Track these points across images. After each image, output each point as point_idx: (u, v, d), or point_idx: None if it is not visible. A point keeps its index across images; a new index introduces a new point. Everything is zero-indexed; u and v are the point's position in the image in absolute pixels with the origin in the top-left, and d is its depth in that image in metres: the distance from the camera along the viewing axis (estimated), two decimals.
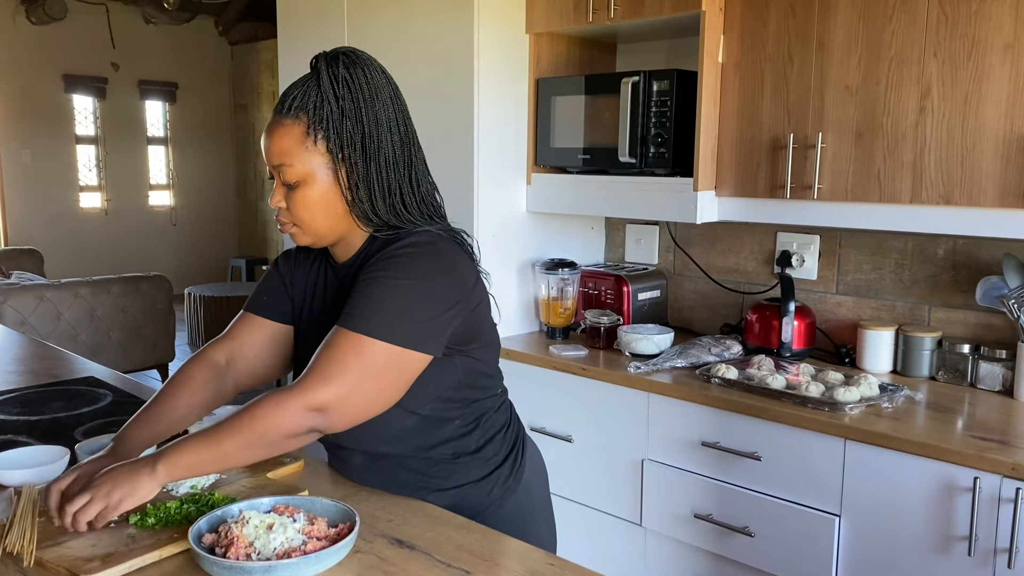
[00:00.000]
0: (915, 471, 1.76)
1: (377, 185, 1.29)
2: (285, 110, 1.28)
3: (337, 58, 1.28)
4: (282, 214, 1.32)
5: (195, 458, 1.17)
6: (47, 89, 7.92)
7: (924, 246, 2.30)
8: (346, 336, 1.20)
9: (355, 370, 1.19)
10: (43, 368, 2.21)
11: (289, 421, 1.17)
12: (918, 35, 1.95)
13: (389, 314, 1.21)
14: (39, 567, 1.10)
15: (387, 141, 1.29)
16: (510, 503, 1.40)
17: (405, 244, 1.28)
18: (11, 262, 6.36)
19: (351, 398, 1.20)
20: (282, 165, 1.27)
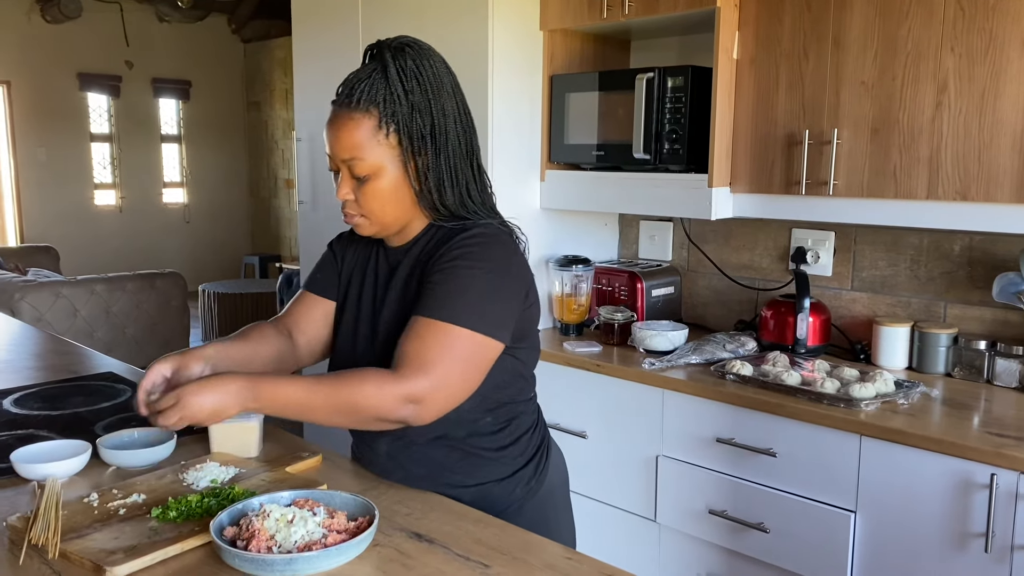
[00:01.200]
0: (931, 468, 1.76)
1: (446, 176, 1.31)
2: (354, 103, 1.27)
3: (403, 49, 1.29)
4: (349, 206, 1.33)
5: (287, 398, 1.20)
6: (62, 87, 7.97)
7: (940, 242, 2.29)
8: (434, 326, 1.24)
9: (446, 360, 1.23)
10: (62, 363, 2.23)
11: (386, 406, 1.21)
12: (935, 30, 1.94)
13: (471, 302, 1.25)
14: (63, 559, 1.12)
15: (453, 132, 1.31)
16: (531, 505, 1.41)
17: (474, 235, 1.30)
18: (27, 259, 6.41)
19: (442, 389, 1.23)
20: (353, 159, 1.28)
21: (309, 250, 3.39)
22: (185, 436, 1.60)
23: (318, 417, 1.23)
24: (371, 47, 1.32)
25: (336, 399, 1.21)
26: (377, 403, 1.21)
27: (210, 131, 9.11)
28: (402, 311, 1.34)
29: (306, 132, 3.31)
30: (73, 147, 8.13)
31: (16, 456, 1.40)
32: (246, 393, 1.20)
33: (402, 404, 1.22)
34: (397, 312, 1.35)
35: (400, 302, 1.35)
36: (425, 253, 1.35)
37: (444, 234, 1.34)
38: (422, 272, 1.33)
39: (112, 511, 1.24)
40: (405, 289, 1.36)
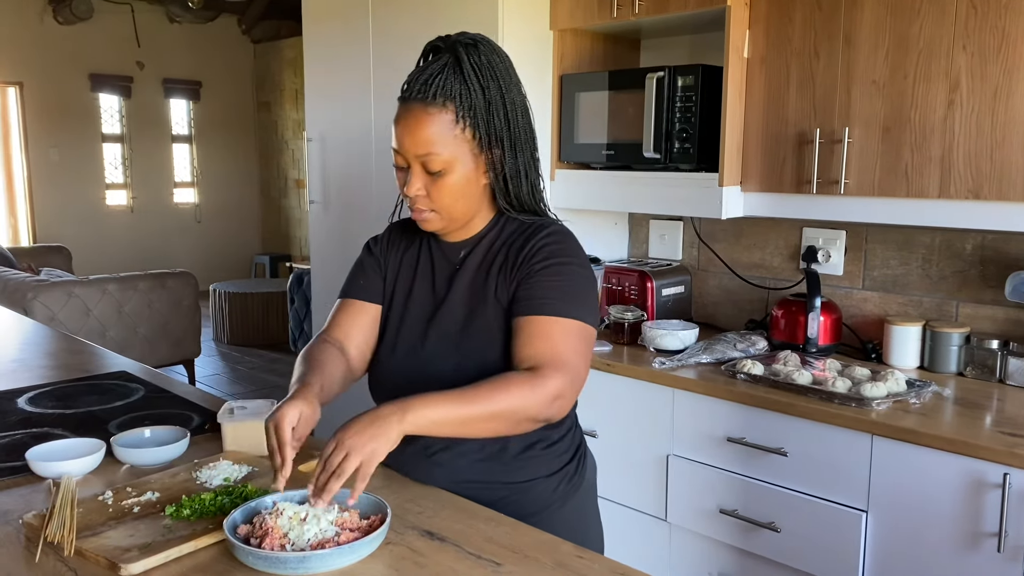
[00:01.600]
0: (943, 467, 1.76)
1: (521, 169, 1.33)
2: (430, 98, 1.27)
3: (476, 45, 1.30)
4: (420, 201, 1.32)
5: (442, 415, 1.18)
6: (74, 88, 8.01)
7: (952, 241, 2.28)
8: (558, 323, 1.27)
9: (575, 355, 1.27)
10: (75, 362, 2.25)
11: (537, 407, 1.23)
12: (947, 28, 1.94)
13: (580, 297, 1.30)
14: (79, 556, 1.13)
15: (523, 125, 1.33)
16: (572, 502, 1.41)
17: (553, 231, 1.34)
18: (40, 259, 6.45)
19: (576, 383, 1.28)
20: (429, 154, 1.28)
21: (320, 250, 3.40)
22: (198, 435, 1.61)
23: (476, 427, 1.22)
24: (436, 44, 1.32)
25: (492, 406, 1.20)
26: (531, 404, 1.22)
27: (220, 131, 9.15)
28: (474, 303, 1.35)
29: (317, 132, 3.32)
30: (85, 147, 8.18)
31: (31, 454, 1.41)
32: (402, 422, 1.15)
33: (551, 403, 1.24)
34: (466, 305, 1.35)
35: (470, 295, 1.36)
36: (500, 245, 1.36)
37: (518, 227, 1.37)
38: (501, 268, 1.34)
39: (126, 509, 1.25)
40: (476, 282, 1.36)
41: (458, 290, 1.37)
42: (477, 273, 1.37)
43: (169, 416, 1.74)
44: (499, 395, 1.20)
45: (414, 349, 1.38)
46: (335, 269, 3.32)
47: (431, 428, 1.18)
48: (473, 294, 1.36)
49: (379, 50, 2.97)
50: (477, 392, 1.21)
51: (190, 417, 1.73)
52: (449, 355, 1.34)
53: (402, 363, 1.39)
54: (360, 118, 3.08)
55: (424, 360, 1.36)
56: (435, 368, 1.35)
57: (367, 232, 3.11)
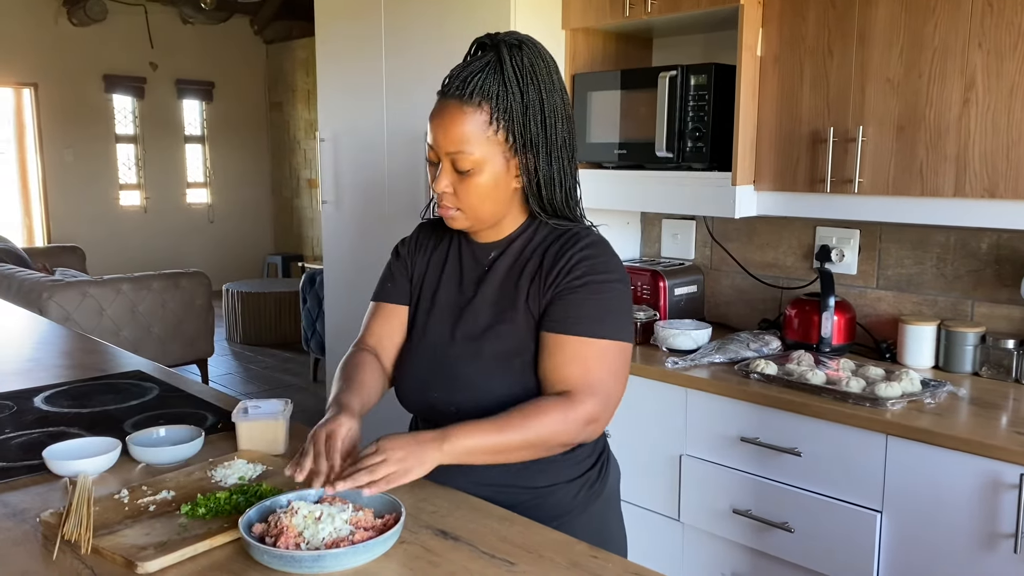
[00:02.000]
0: (959, 467, 1.75)
1: (556, 175, 1.31)
2: (466, 96, 1.26)
3: (520, 46, 1.28)
4: (447, 199, 1.32)
5: (478, 443, 1.21)
6: (88, 89, 8.06)
7: (967, 240, 2.27)
8: (591, 345, 1.27)
9: (610, 376, 1.28)
10: (90, 362, 2.26)
11: (571, 433, 1.26)
12: (962, 26, 1.92)
13: (615, 316, 1.29)
14: (96, 554, 1.13)
15: (561, 131, 1.31)
16: (592, 509, 1.40)
17: (591, 243, 1.32)
18: (55, 259, 6.50)
19: (610, 405, 1.29)
20: (460, 152, 1.27)
21: (333, 250, 3.41)
22: (212, 434, 1.61)
23: (511, 455, 1.26)
24: (483, 40, 1.31)
25: (526, 436, 1.23)
26: (564, 431, 1.25)
27: (233, 131, 9.18)
28: (501, 306, 1.34)
29: (329, 132, 3.33)
30: (99, 148, 8.23)
31: (48, 453, 1.43)
32: (441, 449, 1.19)
33: (583, 428, 1.26)
34: (494, 306, 1.35)
35: (498, 296, 1.35)
36: (532, 250, 1.35)
37: (551, 232, 1.35)
38: (535, 274, 1.33)
39: (142, 507, 1.26)
40: (505, 285, 1.36)
41: (486, 292, 1.36)
42: (507, 277, 1.36)
43: (183, 415, 1.75)
44: (533, 423, 1.23)
45: (439, 349, 1.38)
46: (348, 269, 3.33)
47: (467, 457, 1.22)
48: (501, 297, 1.35)
49: (391, 50, 2.98)
50: (511, 420, 1.23)
51: (204, 416, 1.74)
52: (473, 357, 1.34)
53: (426, 363, 1.39)
54: (372, 118, 3.09)
55: (448, 361, 1.36)
56: (458, 370, 1.35)
57: (379, 232, 3.14)
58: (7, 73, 7.59)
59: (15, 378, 2.08)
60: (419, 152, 2.91)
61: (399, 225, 3.02)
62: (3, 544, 1.19)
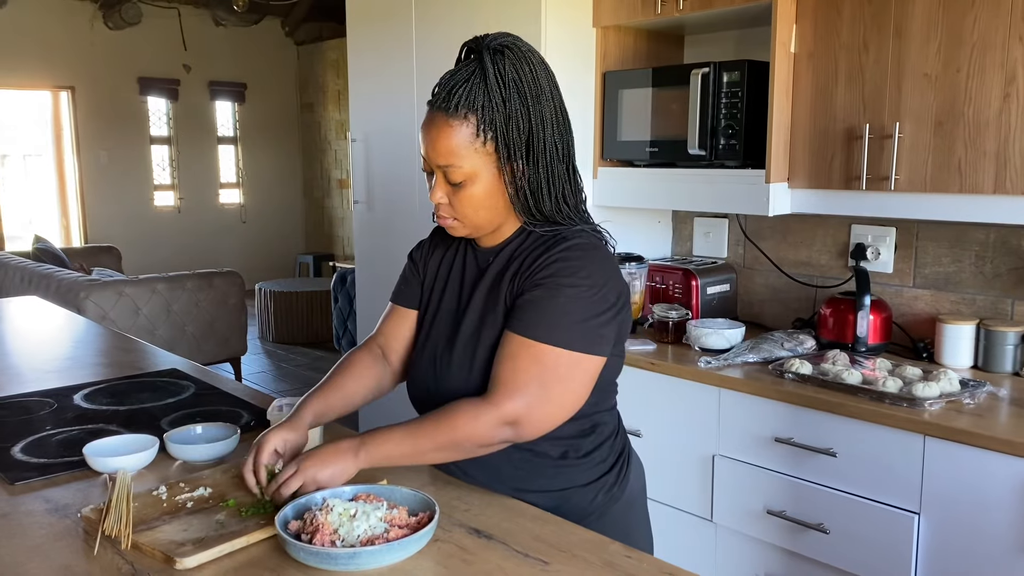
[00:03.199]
0: (999, 469, 1.71)
1: (544, 183, 1.29)
2: (452, 109, 1.25)
3: (503, 52, 1.26)
4: (443, 209, 1.32)
5: (394, 450, 1.26)
6: (123, 92, 8.18)
7: (1007, 237, 2.23)
8: (528, 346, 1.24)
9: (541, 380, 1.23)
10: (127, 360, 2.30)
11: (484, 433, 1.24)
12: (1003, 19, 1.89)
13: (565, 320, 1.24)
14: (135, 550, 1.15)
15: (551, 138, 1.29)
16: (612, 513, 1.38)
17: (571, 247, 1.28)
18: (91, 259, 6.60)
19: (538, 408, 1.24)
20: (449, 166, 1.27)
21: (364, 249, 3.43)
22: (247, 432, 1.63)
23: (428, 459, 1.28)
24: (469, 45, 1.30)
25: (437, 440, 1.25)
26: (476, 432, 1.24)
27: (265, 132, 9.27)
28: (487, 310, 1.34)
29: (360, 132, 3.35)
30: (134, 150, 8.35)
31: (88, 450, 1.45)
32: (356, 458, 1.24)
33: (499, 428, 1.24)
34: (481, 311, 1.34)
35: (485, 301, 1.35)
36: (518, 254, 1.34)
37: (537, 240, 1.33)
38: (514, 275, 1.32)
39: (180, 504, 1.27)
40: (492, 289, 1.35)
41: (477, 297, 1.36)
42: (494, 281, 1.35)
43: (219, 413, 1.77)
44: (444, 427, 1.25)
45: (440, 355, 1.38)
46: (379, 268, 3.34)
47: (386, 461, 1.26)
48: (489, 301, 1.34)
49: (422, 50, 2.99)
50: (424, 425, 1.26)
51: (239, 414, 1.76)
52: (467, 360, 1.33)
53: (429, 368, 1.40)
54: (403, 118, 3.10)
55: (447, 365, 1.36)
56: (455, 374, 1.34)
57: (410, 232, 3.15)
58: (45, 77, 7.73)
59: (55, 376, 2.11)
60: None
61: (429, 225, 3.02)
62: (45, 539, 1.21)
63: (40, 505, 1.32)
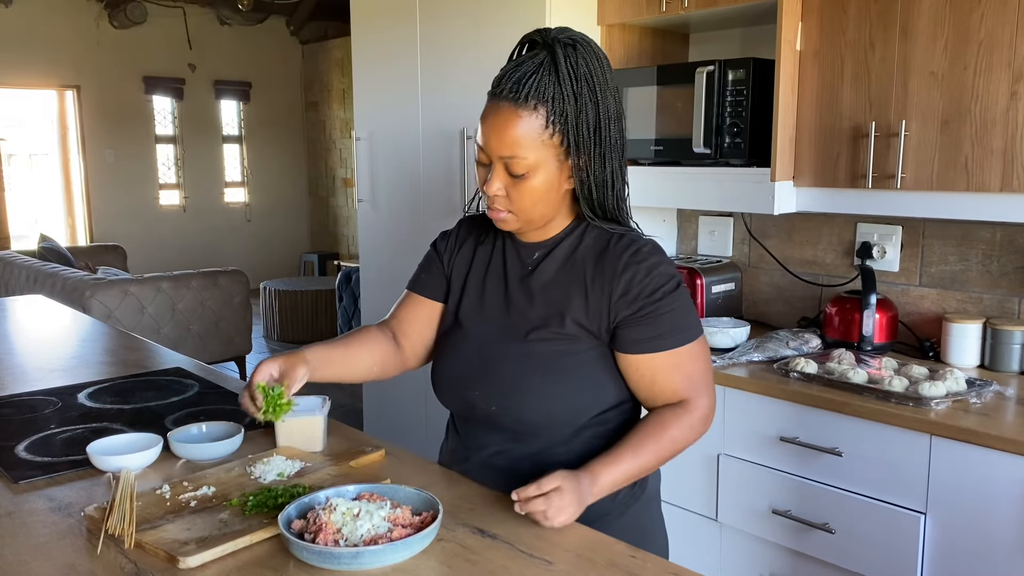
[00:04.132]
0: (1006, 469, 1.70)
1: (610, 178, 1.30)
2: (521, 99, 1.22)
3: (575, 46, 1.24)
4: (498, 201, 1.29)
5: (624, 474, 1.28)
6: (129, 91, 8.20)
7: (1014, 236, 2.22)
8: (684, 352, 1.30)
9: (704, 372, 1.33)
10: (131, 359, 2.30)
11: (696, 436, 1.33)
12: (1010, 17, 1.88)
13: (689, 315, 1.32)
14: (138, 548, 1.15)
15: (615, 134, 1.29)
16: (632, 512, 1.38)
17: (652, 251, 1.31)
18: (97, 258, 6.62)
19: (713, 391, 1.35)
20: (514, 157, 1.24)
21: (369, 248, 3.43)
22: (251, 430, 1.63)
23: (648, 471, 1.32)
24: (533, 38, 1.27)
25: (662, 453, 1.30)
26: (691, 438, 1.32)
27: (270, 131, 9.28)
28: (545, 309, 1.32)
29: (365, 131, 3.34)
30: (139, 149, 8.36)
31: (92, 448, 1.45)
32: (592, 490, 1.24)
33: (705, 426, 1.33)
34: (537, 309, 1.33)
35: (543, 299, 1.33)
36: (583, 254, 1.33)
37: (599, 237, 1.33)
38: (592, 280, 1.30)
39: (183, 503, 1.27)
40: (552, 286, 1.33)
41: (533, 294, 1.34)
42: (555, 280, 1.33)
43: (223, 412, 1.76)
44: (664, 442, 1.29)
45: (482, 347, 1.37)
46: (384, 267, 3.34)
47: (610, 489, 1.28)
48: (550, 301, 1.33)
49: (426, 48, 2.98)
50: (643, 443, 1.28)
51: (243, 413, 1.76)
52: (519, 357, 1.32)
53: (467, 360, 1.38)
54: (408, 117, 3.10)
55: (492, 360, 1.35)
56: (502, 369, 1.33)
57: (415, 230, 3.15)
58: (50, 76, 7.75)
59: (60, 374, 2.12)
60: (454, 150, 2.92)
61: (434, 223, 3.03)
62: (49, 537, 1.21)
63: (44, 504, 1.32)
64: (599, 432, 1.36)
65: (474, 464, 1.42)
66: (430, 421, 3.10)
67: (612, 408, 1.36)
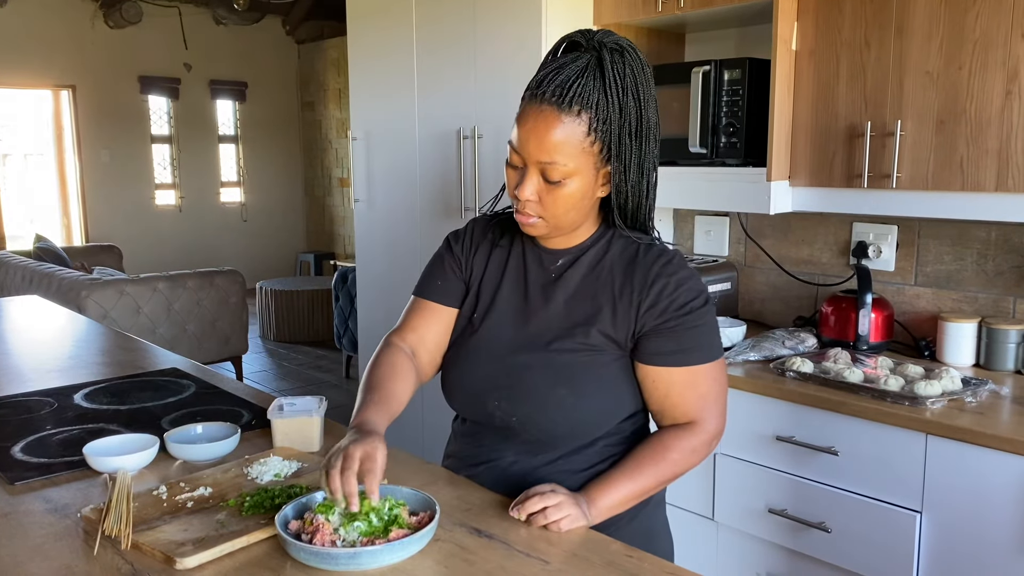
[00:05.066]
0: (1002, 468, 1.71)
1: (646, 187, 1.27)
2: (565, 103, 1.17)
3: (623, 52, 1.21)
4: (529, 206, 1.25)
5: (622, 497, 1.27)
6: (124, 91, 8.18)
7: (1009, 235, 2.22)
8: (697, 372, 1.29)
9: (720, 393, 1.32)
10: (127, 359, 2.29)
11: (700, 459, 1.31)
12: (1004, 16, 1.88)
13: (712, 336, 1.31)
14: (135, 550, 1.15)
15: (652, 143, 1.26)
16: (640, 518, 1.36)
17: (680, 264, 1.30)
18: (93, 258, 6.60)
19: (725, 416, 1.33)
20: (552, 163, 1.20)
21: (365, 248, 3.43)
22: (248, 431, 1.63)
23: (649, 493, 1.31)
24: (575, 39, 1.22)
25: (661, 475, 1.29)
26: (694, 462, 1.31)
27: (266, 131, 9.27)
28: (570, 318, 1.30)
29: (361, 131, 3.34)
30: (135, 149, 8.35)
31: (88, 449, 1.45)
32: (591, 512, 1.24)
33: (710, 448, 1.32)
34: (562, 318, 1.31)
35: (568, 308, 1.31)
36: (610, 263, 1.31)
37: (627, 246, 1.31)
38: (620, 291, 1.28)
39: (180, 504, 1.27)
40: (578, 295, 1.31)
41: (557, 301, 1.31)
42: (582, 288, 1.31)
43: (219, 412, 1.76)
44: (666, 468, 1.28)
45: (502, 356, 1.33)
46: (380, 267, 3.34)
47: (614, 510, 1.27)
48: (575, 309, 1.30)
49: (423, 48, 2.98)
50: (642, 466, 1.28)
51: (240, 413, 1.76)
52: (542, 366, 1.29)
53: (486, 368, 1.34)
54: (404, 117, 3.10)
55: (513, 368, 1.31)
56: (524, 378, 1.30)
57: (411, 230, 3.15)
58: (45, 76, 7.73)
59: (56, 375, 2.11)
60: (450, 150, 2.92)
61: (431, 223, 3.03)
62: (45, 539, 1.21)
63: (40, 505, 1.32)
64: (612, 442, 1.34)
65: (484, 471, 1.39)
66: (426, 421, 3.10)
67: (629, 418, 1.35)
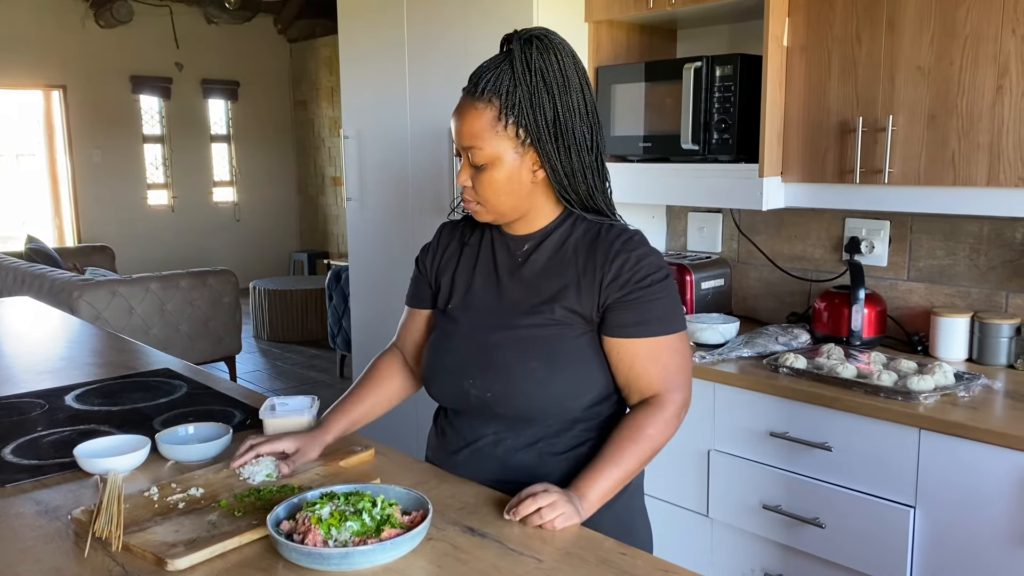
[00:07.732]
0: (994, 462, 1.71)
1: (579, 170, 1.33)
2: (478, 93, 1.30)
3: (531, 42, 1.30)
4: (467, 192, 1.36)
5: (609, 485, 1.30)
6: (115, 90, 8.15)
7: (1001, 230, 2.23)
8: (663, 342, 1.33)
9: (683, 364, 1.36)
10: (120, 360, 2.29)
11: (672, 431, 1.35)
12: (995, 11, 1.88)
13: (674, 308, 1.35)
14: (126, 551, 1.14)
15: (579, 128, 1.32)
16: (617, 506, 1.37)
17: (635, 239, 1.35)
18: (85, 259, 6.58)
19: (689, 387, 1.38)
20: (472, 148, 1.31)
21: (358, 247, 3.42)
22: (240, 431, 1.62)
23: (633, 475, 1.34)
24: (508, 35, 1.33)
25: (642, 454, 1.32)
26: (668, 436, 1.34)
27: (258, 130, 9.25)
28: (537, 299, 1.36)
29: (353, 129, 3.33)
30: (127, 148, 8.32)
31: (79, 451, 1.44)
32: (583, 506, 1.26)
33: (678, 421, 1.36)
34: (532, 295, 1.37)
35: (534, 290, 1.37)
36: (573, 245, 1.36)
37: (589, 228, 1.37)
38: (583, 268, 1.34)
39: (172, 505, 1.26)
40: (544, 275, 1.37)
41: (524, 283, 1.38)
42: (546, 268, 1.37)
43: (212, 412, 1.76)
44: (644, 445, 1.32)
45: (474, 337, 1.39)
46: (373, 266, 3.33)
47: (604, 499, 1.30)
48: (541, 288, 1.36)
49: (414, 47, 2.97)
50: (623, 448, 1.31)
51: (232, 413, 1.75)
52: (510, 343, 1.35)
53: (460, 351, 1.41)
54: (396, 115, 3.09)
55: (485, 347, 1.37)
56: (496, 355, 1.36)
57: (404, 228, 3.14)
58: (36, 76, 7.70)
59: (48, 376, 2.10)
60: (443, 149, 2.91)
61: (423, 221, 3.02)
62: (36, 541, 1.20)
63: (31, 507, 1.31)
64: (590, 425, 1.39)
65: (467, 456, 1.43)
66: (420, 420, 3.10)
67: (603, 400, 1.39)
